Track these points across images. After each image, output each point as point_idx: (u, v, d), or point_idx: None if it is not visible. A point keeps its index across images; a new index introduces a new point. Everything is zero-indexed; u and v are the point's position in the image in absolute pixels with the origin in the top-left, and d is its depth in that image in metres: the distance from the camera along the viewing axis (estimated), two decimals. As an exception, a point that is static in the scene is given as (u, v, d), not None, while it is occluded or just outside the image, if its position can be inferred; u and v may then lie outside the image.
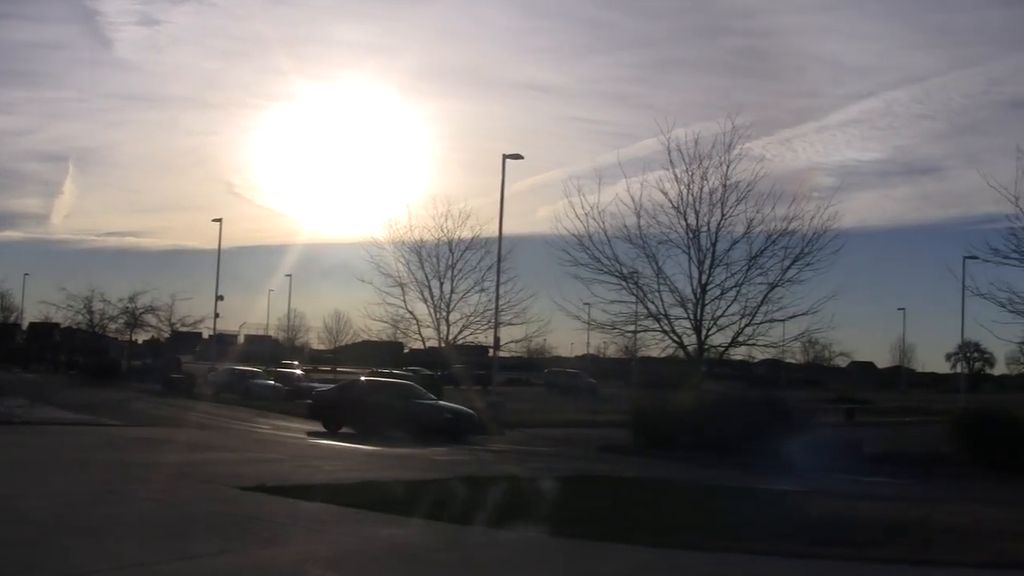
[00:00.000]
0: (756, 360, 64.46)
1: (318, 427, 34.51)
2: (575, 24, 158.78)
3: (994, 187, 29.79)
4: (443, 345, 47.66)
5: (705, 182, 32.89)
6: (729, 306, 32.96)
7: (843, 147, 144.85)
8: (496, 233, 44.94)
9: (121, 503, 13.62)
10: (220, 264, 69.67)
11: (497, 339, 45.94)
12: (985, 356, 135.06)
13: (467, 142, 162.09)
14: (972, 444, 27.78)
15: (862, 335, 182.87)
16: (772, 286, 32.51)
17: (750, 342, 33.82)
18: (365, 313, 51.59)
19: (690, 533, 12.57)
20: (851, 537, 12.79)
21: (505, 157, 44.95)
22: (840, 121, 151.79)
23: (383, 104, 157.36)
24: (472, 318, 44.71)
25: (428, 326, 46.08)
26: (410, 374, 59.88)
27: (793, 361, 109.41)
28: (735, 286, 32.82)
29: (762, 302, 32.62)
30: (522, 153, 43.38)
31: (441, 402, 35.76)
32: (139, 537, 11.19)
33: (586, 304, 35.52)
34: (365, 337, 65.55)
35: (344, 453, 25.59)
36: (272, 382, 57.39)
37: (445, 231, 45.88)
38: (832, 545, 12.09)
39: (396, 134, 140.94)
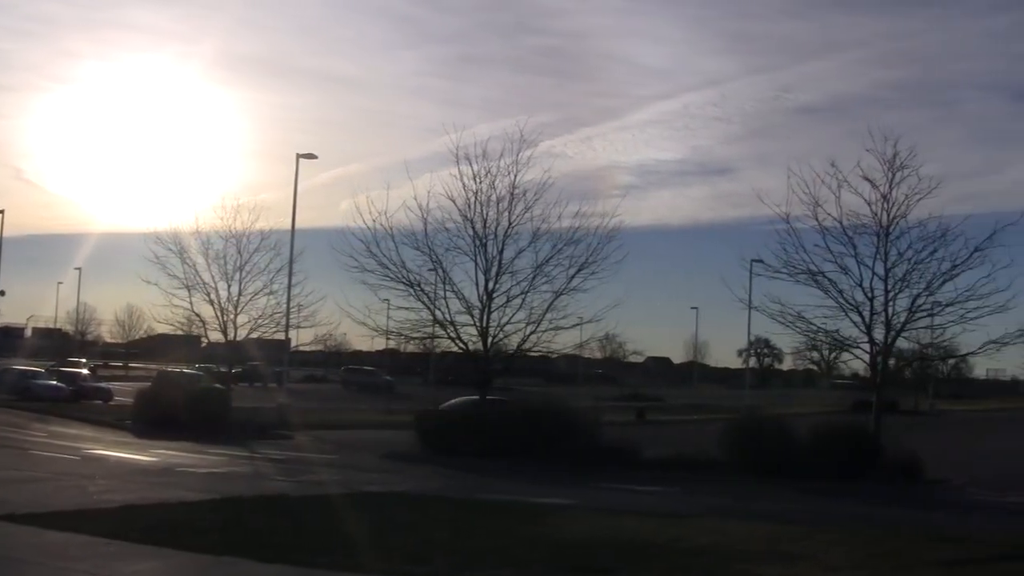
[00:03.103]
0: (555, 356, 65.49)
1: (98, 432, 33.34)
2: (380, 17, 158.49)
3: (768, 204, 31.08)
4: (239, 340, 46.32)
5: (493, 190, 32.97)
6: (515, 313, 33.19)
7: (642, 146, 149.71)
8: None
9: None
10: (2, 257, 66.38)
11: (288, 340, 45.41)
12: (774, 352, 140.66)
13: (267, 133, 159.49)
14: (744, 450, 28.88)
15: (660, 331, 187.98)
16: (557, 294, 32.85)
17: (535, 349, 34.19)
18: (152, 315, 50.09)
19: (440, 560, 12.63)
20: (602, 561, 12.97)
21: (299, 156, 44.50)
22: (640, 121, 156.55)
23: (181, 92, 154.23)
24: (260, 320, 43.57)
25: (215, 329, 44.76)
26: (201, 373, 58.52)
27: (591, 356, 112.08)
28: (521, 294, 33.07)
29: (547, 310, 32.96)
30: (325, 146, 44.01)
31: None
32: None
33: (385, 300, 35.22)
34: (161, 330, 63.52)
35: (117, 468, 24.79)
36: (55, 382, 54.86)
37: (234, 230, 44.42)
38: (577, 572, 12.34)
39: (194, 123, 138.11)
